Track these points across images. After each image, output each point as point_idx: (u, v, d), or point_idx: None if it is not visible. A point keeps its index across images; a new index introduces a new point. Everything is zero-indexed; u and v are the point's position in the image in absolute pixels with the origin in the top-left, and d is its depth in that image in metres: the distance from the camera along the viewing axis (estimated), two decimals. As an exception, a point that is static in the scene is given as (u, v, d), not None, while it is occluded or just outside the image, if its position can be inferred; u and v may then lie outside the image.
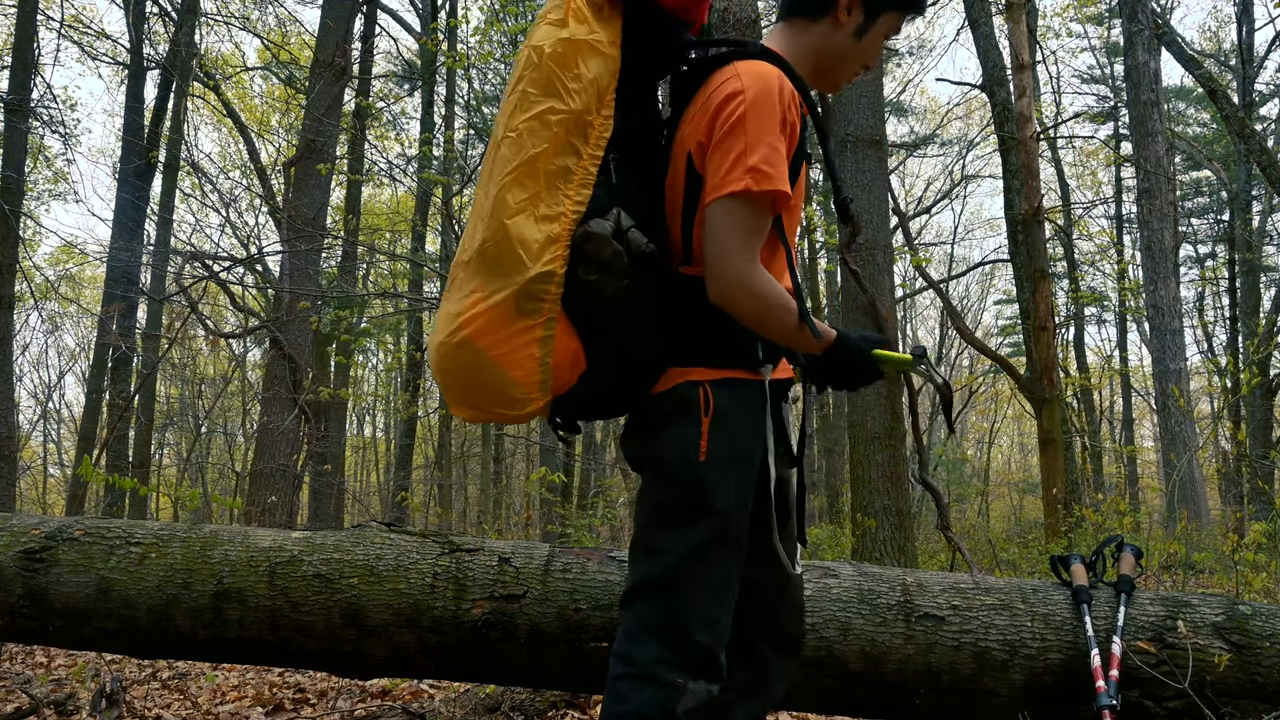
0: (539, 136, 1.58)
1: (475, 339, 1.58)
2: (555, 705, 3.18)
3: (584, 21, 1.62)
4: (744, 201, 1.57)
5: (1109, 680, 2.01)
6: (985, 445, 26.00)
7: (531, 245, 1.56)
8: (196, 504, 10.90)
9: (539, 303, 1.56)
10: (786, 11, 1.78)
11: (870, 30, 1.76)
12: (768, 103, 1.59)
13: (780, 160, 1.58)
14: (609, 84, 1.61)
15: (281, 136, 16.16)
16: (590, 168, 1.60)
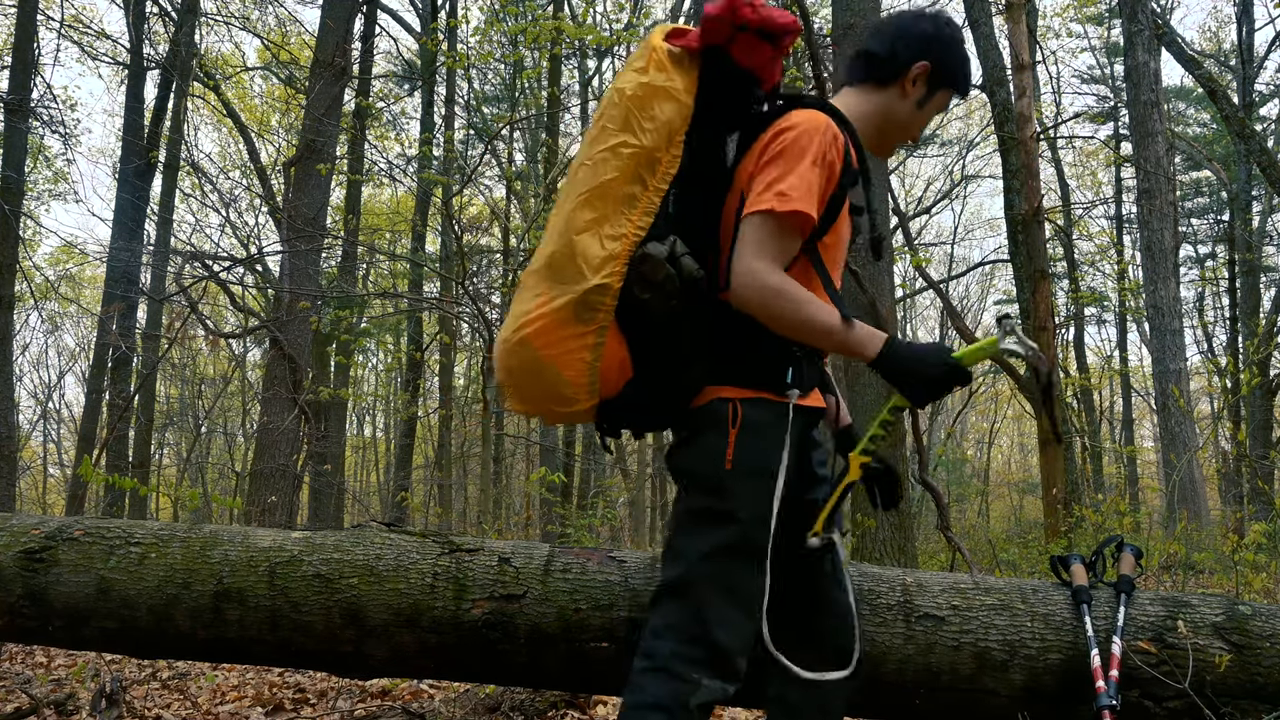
0: (611, 166, 1.77)
1: (533, 339, 1.76)
2: (555, 705, 3.18)
3: (663, 70, 1.80)
4: (767, 218, 1.73)
5: (1109, 680, 2.01)
6: (985, 445, 26.00)
7: (593, 260, 1.73)
8: (196, 504, 10.90)
9: (594, 312, 1.74)
10: (857, 77, 1.98)
11: (929, 102, 1.96)
12: (808, 139, 1.76)
13: (808, 189, 1.73)
14: (680, 127, 1.79)
15: (281, 136, 16.17)
16: (654, 198, 1.78)
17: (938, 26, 1.97)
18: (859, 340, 1.78)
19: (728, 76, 1.83)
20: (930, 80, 1.94)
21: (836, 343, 1.78)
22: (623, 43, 9.31)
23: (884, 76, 1.94)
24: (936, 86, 1.96)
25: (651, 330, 1.78)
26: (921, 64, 1.92)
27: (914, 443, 7.65)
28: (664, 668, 1.69)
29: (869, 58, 1.96)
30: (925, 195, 22.00)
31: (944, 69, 1.95)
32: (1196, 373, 20.17)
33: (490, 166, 15.40)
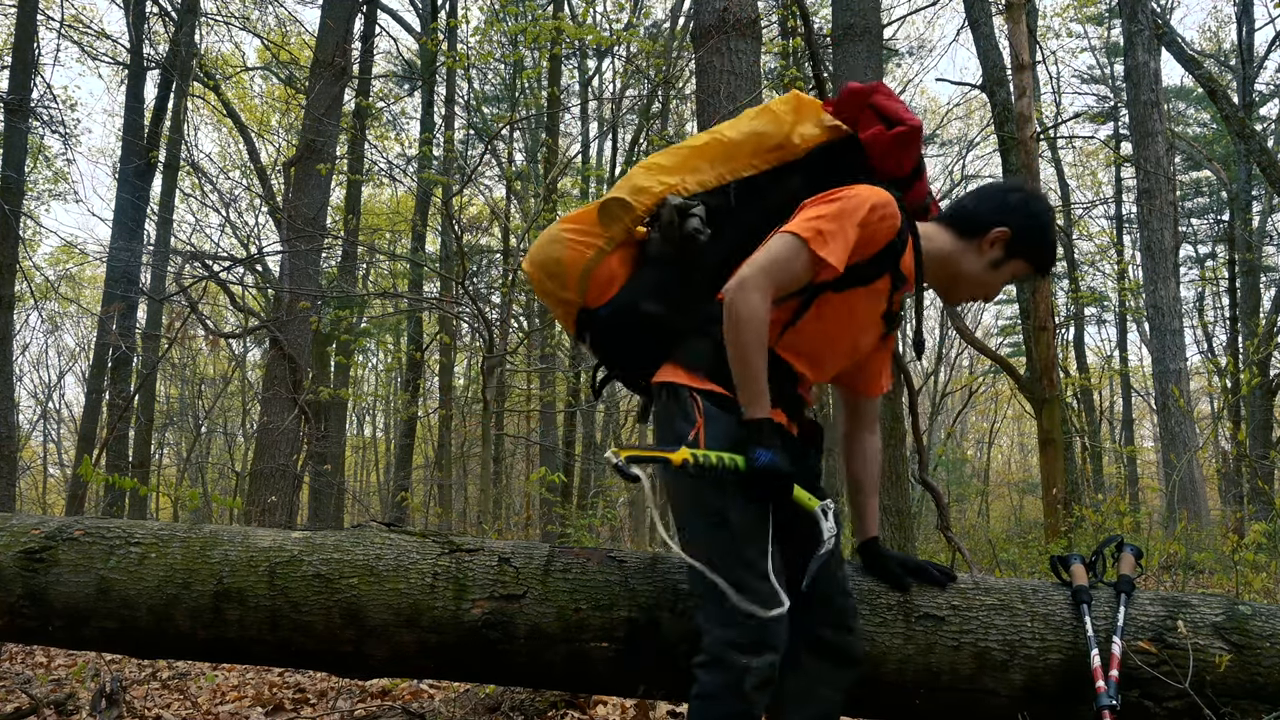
0: (701, 138, 2.10)
1: (565, 220, 2.13)
2: (555, 705, 3.18)
3: (789, 104, 2.09)
4: (792, 239, 1.87)
5: (1109, 680, 2.01)
6: (985, 445, 26.00)
7: (634, 182, 2.05)
8: (196, 504, 10.90)
9: (612, 221, 2.04)
10: (947, 217, 2.12)
11: (1002, 267, 2.08)
12: (863, 204, 1.90)
13: (842, 240, 1.87)
14: (770, 148, 2.05)
15: (281, 136, 16.17)
16: (711, 180, 2.04)
17: (1028, 201, 2.10)
18: (757, 399, 1.87)
19: (844, 146, 2.07)
20: (1008, 246, 2.06)
21: (742, 383, 1.87)
22: (623, 43, 9.31)
23: (966, 229, 2.08)
24: (1013, 254, 2.07)
25: (647, 267, 2.05)
26: (1001, 229, 2.05)
27: (914, 443, 7.66)
28: (717, 659, 1.81)
29: (959, 208, 2.12)
30: (925, 195, 21.96)
31: (1023, 240, 2.06)
32: (1196, 373, 20.17)
33: (490, 166, 15.40)
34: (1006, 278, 2.11)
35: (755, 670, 1.79)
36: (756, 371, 1.86)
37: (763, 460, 1.83)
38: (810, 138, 2.07)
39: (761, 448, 1.84)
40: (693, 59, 6.28)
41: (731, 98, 5.23)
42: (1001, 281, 2.11)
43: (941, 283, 2.12)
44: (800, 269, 1.87)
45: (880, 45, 7.80)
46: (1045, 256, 2.11)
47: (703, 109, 5.47)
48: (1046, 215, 2.11)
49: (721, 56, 5.34)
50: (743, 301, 1.84)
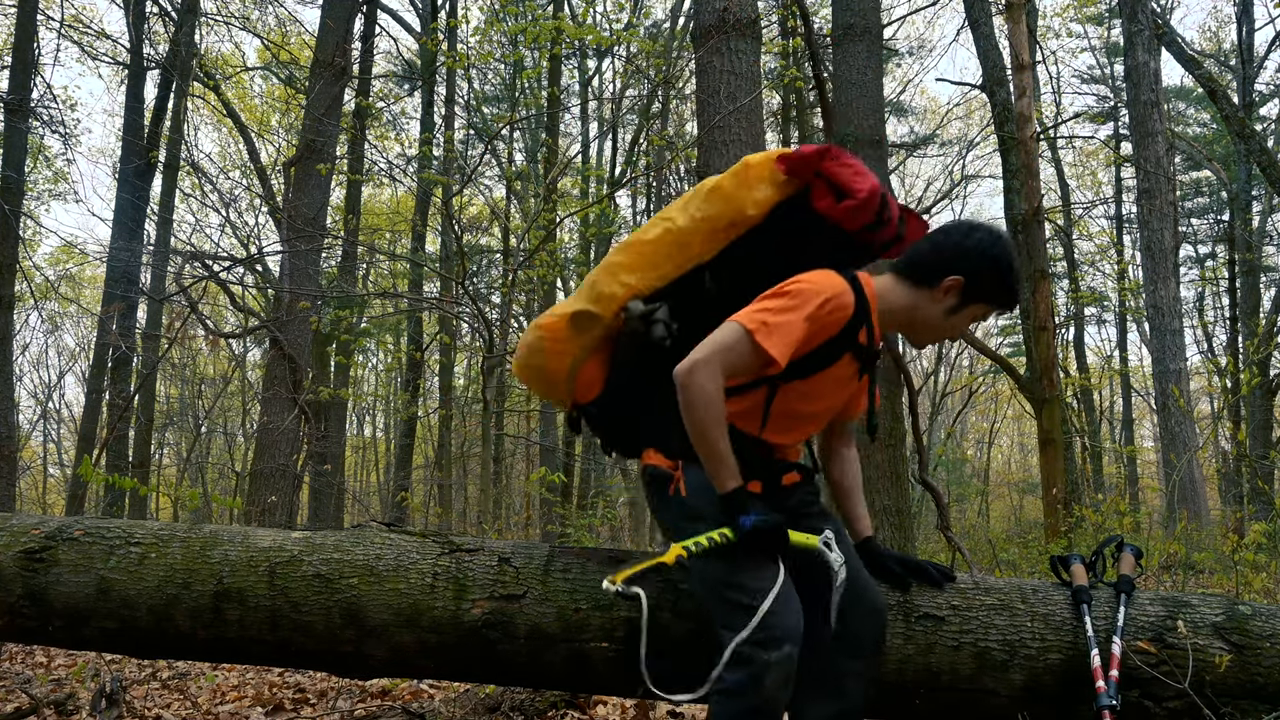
0: (654, 230, 2.13)
1: (544, 327, 2.19)
2: (555, 705, 3.18)
3: (737, 176, 2.10)
4: (738, 329, 1.93)
5: (1109, 680, 2.01)
6: (985, 445, 25.99)
7: (599, 290, 2.13)
8: (196, 504, 10.90)
9: (583, 330, 2.14)
10: (901, 268, 2.14)
11: (960, 312, 2.10)
12: (814, 297, 1.96)
13: (788, 333, 1.93)
14: (724, 227, 2.08)
15: (281, 136, 16.16)
16: (671, 271, 2.10)
17: (985, 244, 2.07)
18: (724, 473, 1.94)
19: (805, 213, 2.11)
20: (963, 293, 2.07)
21: (708, 461, 1.95)
22: (623, 42, 9.31)
23: (920, 279, 2.09)
24: (969, 300, 2.08)
25: (623, 367, 2.17)
26: (954, 278, 2.06)
27: (914, 443, 7.66)
28: (736, 657, 1.85)
29: (914, 256, 2.12)
30: (925, 195, 21.97)
31: (977, 285, 2.07)
32: (1196, 373, 20.17)
33: (490, 166, 15.42)
34: (966, 321, 2.13)
35: (775, 665, 1.83)
36: (718, 447, 1.93)
37: (749, 524, 1.89)
38: (766, 200, 2.08)
39: (744, 514, 1.91)
40: (693, 59, 6.28)
41: (731, 98, 5.23)
42: (963, 325, 2.13)
43: (902, 330, 2.17)
44: (745, 357, 1.93)
45: (880, 45, 7.80)
46: (1003, 298, 2.11)
47: (703, 109, 5.47)
48: (1003, 259, 2.08)
49: (721, 56, 5.34)
50: (694, 384, 1.91)
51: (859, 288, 2.05)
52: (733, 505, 1.93)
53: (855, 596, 2.04)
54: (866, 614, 2.05)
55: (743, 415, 2.06)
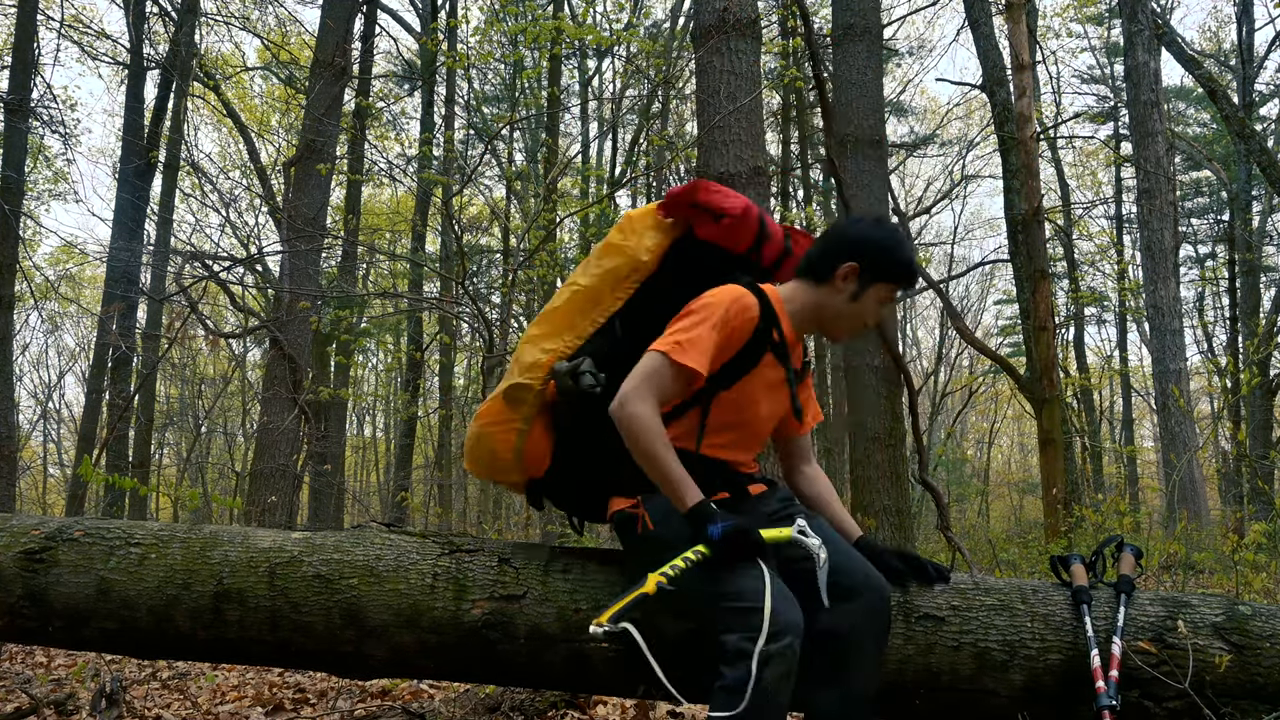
0: (563, 296, 2.26)
1: (482, 415, 2.27)
2: (555, 705, 3.18)
3: (623, 231, 2.25)
4: (656, 355, 2.04)
5: (1109, 681, 2.01)
6: (985, 445, 25.99)
7: (524, 363, 2.21)
8: (196, 504, 10.89)
9: (518, 404, 2.20)
10: (800, 271, 2.25)
11: (863, 296, 2.19)
12: (715, 307, 2.08)
13: (700, 347, 2.04)
14: (626, 276, 2.21)
15: (281, 136, 16.16)
16: (588, 328, 2.21)
17: (869, 229, 2.22)
18: (682, 491, 1.99)
19: (693, 245, 2.24)
20: (860, 277, 2.18)
21: (663, 484, 2.02)
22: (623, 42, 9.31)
23: (817, 276, 2.21)
24: (868, 282, 2.18)
25: (567, 431, 2.22)
26: (848, 264, 2.17)
27: (914, 443, 7.66)
28: (736, 652, 1.85)
29: (808, 258, 2.24)
30: (925, 195, 21.96)
31: (871, 266, 2.17)
32: (1196, 373, 20.17)
33: (490, 166, 15.43)
34: (874, 304, 2.21)
35: (775, 657, 1.83)
36: (668, 468, 2.00)
37: (718, 533, 1.92)
38: (657, 246, 2.23)
39: (711, 524, 1.94)
40: (693, 59, 6.28)
41: (731, 98, 5.23)
42: (872, 309, 2.21)
43: (818, 329, 2.26)
44: (669, 378, 2.04)
45: (880, 45, 7.81)
46: (900, 273, 2.20)
47: (703, 109, 5.47)
48: (888, 237, 2.20)
49: (721, 56, 5.33)
50: (627, 414, 2.01)
51: (759, 291, 2.16)
52: (699, 519, 1.96)
53: (852, 582, 2.04)
54: (867, 597, 2.05)
55: (686, 435, 2.14)
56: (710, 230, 2.22)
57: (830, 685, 2.02)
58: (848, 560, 2.09)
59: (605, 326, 2.22)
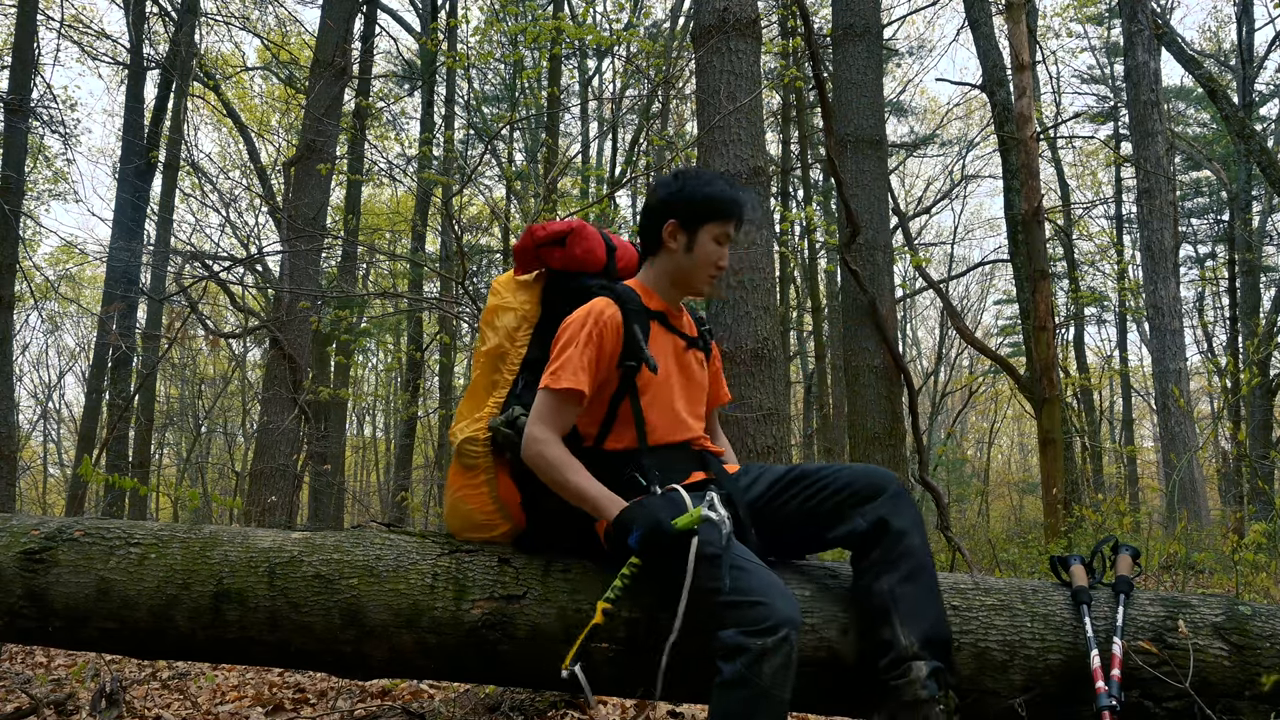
0: (475, 369, 2.42)
1: (449, 485, 2.37)
2: (555, 705, 3.18)
3: (498, 293, 2.43)
4: (544, 393, 2.19)
5: (1109, 681, 2.01)
6: (985, 445, 26.00)
7: (464, 426, 2.32)
8: (196, 504, 10.90)
9: (472, 459, 2.29)
10: (642, 255, 2.39)
11: (696, 244, 2.29)
12: (579, 325, 2.21)
13: (573, 366, 2.17)
14: (519, 325, 2.37)
15: (281, 136, 16.16)
16: (505, 380, 2.34)
17: (667, 184, 2.33)
18: (601, 506, 2.10)
19: (562, 279, 2.39)
20: (682, 226, 2.29)
21: (584, 505, 2.13)
22: (623, 43, 9.31)
23: (651, 247, 2.35)
24: (692, 227, 2.29)
25: (524, 479, 2.25)
26: (665, 223, 2.29)
27: (914, 443, 7.66)
28: (733, 647, 1.85)
29: (641, 237, 2.37)
30: (925, 195, 21.98)
31: (683, 212, 2.28)
32: (1196, 373, 20.18)
33: (490, 166, 15.41)
34: (710, 246, 2.29)
35: (772, 650, 1.83)
36: (583, 490, 2.12)
37: (634, 542, 2.00)
38: (532, 296, 2.40)
39: (628, 535, 2.02)
40: (693, 59, 6.28)
41: (731, 98, 5.23)
42: (711, 252, 2.29)
43: (683, 292, 2.36)
44: (557, 406, 2.18)
45: (880, 45, 7.81)
46: (716, 205, 2.27)
47: (703, 109, 5.47)
48: (687, 182, 2.30)
49: (721, 56, 5.34)
50: (531, 454, 2.16)
51: (612, 290, 2.29)
52: (622, 529, 2.04)
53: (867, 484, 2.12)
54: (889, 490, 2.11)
55: (631, 438, 2.25)
56: (562, 256, 2.36)
57: (896, 568, 2.03)
58: (853, 470, 2.17)
59: (518, 379, 2.33)
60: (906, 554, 2.03)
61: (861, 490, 2.11)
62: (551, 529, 2.31)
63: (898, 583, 2.00)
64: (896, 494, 2.09)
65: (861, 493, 2.11)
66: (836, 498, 2.13)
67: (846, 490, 2.12)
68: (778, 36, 13.57)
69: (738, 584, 1.92)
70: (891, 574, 2.02)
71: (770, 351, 5.08)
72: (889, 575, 2.02)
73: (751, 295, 5.11)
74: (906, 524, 2.06)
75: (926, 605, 2.01)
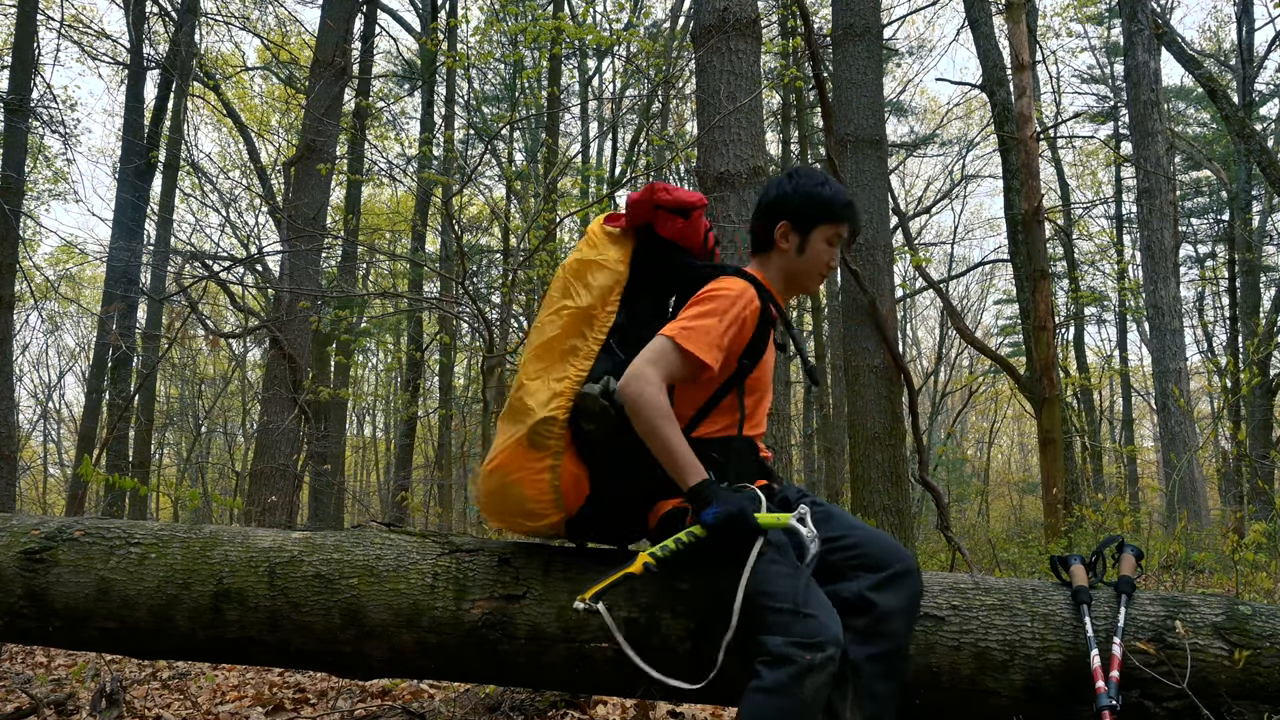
0: (555, 325, 2.21)
1: (501, 467, 2.17)
2: (555, 705, 3.18)
3: (595, 246, 2.27)
4: (664, 340, 2.08)
5: (1109, 681, 2.01)
6: (985, 445, 25.99)
7: (541, 399, 2.14)
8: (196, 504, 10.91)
9: (545, 439, 2.12)
10: (753, 251, 2.34)
11: (808, 245, 2.26)
12: (729, 302, 2.12)
13: (710, 336, 2.08)
14: (612, 288, 2.22)
15: (281, 136, 16.16)
16: (594, 346, 2.18)
17: (782, 185, 2.28)
18: (685, 468, 2.02)
19: (656, 246, 2.28)
20: (796, 229, 2.25)
21: (668, 461, 2.03)
22: (623, 42, 9.31)
23: (762, 247, 2.30)
24: (805, 229, 2.25)
25: (600, 454, 2.15)
26: (779, 224, 2.25)
27: (914, 443, 7.66)
28: (780, 656, 1.84)
29: (753, 235, 2.33)
30: (925, 195, 21.98)
31: (799, 214, 2.25)
32: (1196, 373, 20.18)
33: (490, 166, 15.40)
34: (821, 248, 2.26)
35: (818, 667, 1.83)
36: (671, 443, 2.02)
37: (710, 516, 1.94)
38: (625, 256, 2.26)
39: (707, 507, 1.96)
40: (693, 59, 6.28)
41: (731, 98, 5.23)
42: (822, 254, 2.27)
43: (794, 291, 2.34)
44: (675, 363, 2.06)
45: (880, 45, 7.81)
46: (828, 210, 2.24)
47: (703, 109, 5.47)
48: (803, 184, 2.26)
49: (721, 56, 5.33)
50: (632, 391, 2.03)
51: (753, 279, 2.22)
52: (698, 500, 1.98)
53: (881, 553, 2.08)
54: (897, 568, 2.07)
55: (731, 424, 2.19)
56: (674, 227, 2.27)
57: (868, 643, 2.00)
58: (869, 535, 2.13)
59: (605, 345, 2.19)
60: (886, 635, 2.00)
61: (867, 558, 2.08)
62: (614, 507, 2.20)
63: (865, 658, 1.98)
64: (900, 573, 2.06)
65: (866, 560, 2.08)
66: (843, 554, 2.09)
67: (855, 551, 2.09)
68: (778, 36, 13.57)
69: (791, 593, 1.90)
70: (864, 647, 1.99)
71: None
72: (860, 647, 1.99)
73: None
74: (895, 606, 2.02)
75: (885, 688, 1.99)
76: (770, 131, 15.92)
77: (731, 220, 5.11)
